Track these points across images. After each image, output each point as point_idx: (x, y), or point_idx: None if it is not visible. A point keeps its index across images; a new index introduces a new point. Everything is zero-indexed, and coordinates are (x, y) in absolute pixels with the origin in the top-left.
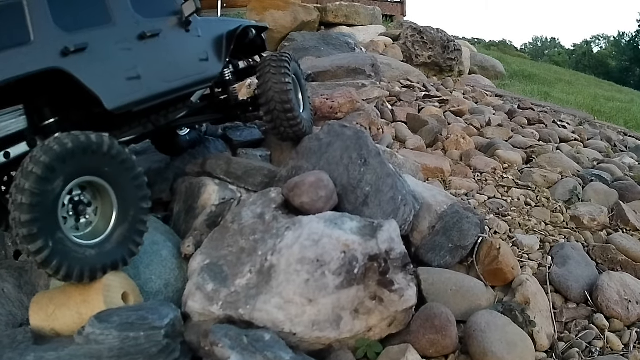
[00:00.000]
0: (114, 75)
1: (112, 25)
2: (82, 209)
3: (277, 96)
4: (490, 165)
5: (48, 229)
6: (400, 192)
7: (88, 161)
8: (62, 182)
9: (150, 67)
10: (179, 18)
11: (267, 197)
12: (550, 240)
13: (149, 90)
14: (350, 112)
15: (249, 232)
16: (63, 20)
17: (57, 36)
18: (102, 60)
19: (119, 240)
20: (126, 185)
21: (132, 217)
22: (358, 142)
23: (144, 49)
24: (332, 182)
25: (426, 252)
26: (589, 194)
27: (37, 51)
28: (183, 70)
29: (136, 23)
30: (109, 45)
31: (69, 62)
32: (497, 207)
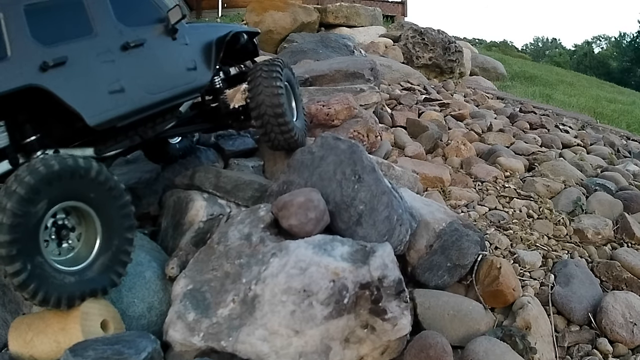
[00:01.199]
0: (95, 90)
1: (93, 36)
2: (65, 233)
3: (267, 100)
4: (491, 173)
5: (28, 251)
6: (396, 211)
7: (74, 185)
8: (46, 205)
9: (135, 79)
10: (164, 26)
11: (255, 216)
12: (553, 256)
13: (134, 103)
14: (347, 119)
15: (235, 255)
16: (41, 33)
17: (35, 50)
18: (82, 74)
19: (101, 269)
20: (112, 213)
21: (115, 246)
22: (352, 157)
23: (128, 60)
24: (323, 202)
25: (423, 272)
26: (592, 204)
27: (15, 67)
28: (170, 81)
29: (119, 33)
30: (90, 58)
31: (47, 77)
32: (498, 219)
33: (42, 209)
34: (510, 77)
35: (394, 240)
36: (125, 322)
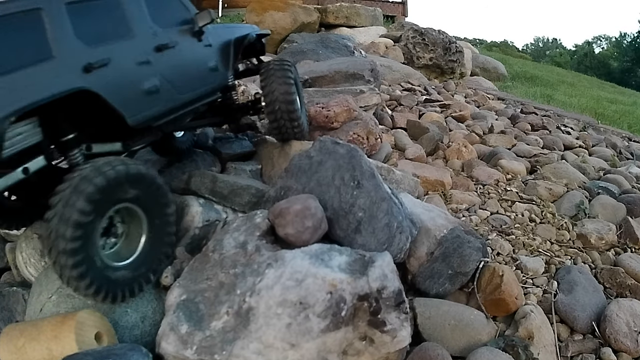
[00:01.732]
0: (134, 90)
1: (131, 37)
2: (114, 231)
3: (281, 97)
4: (493, 176)
5: (86, 247)
6: (395, 218)
7: (134, 189)
8: (109, 205)
9: (167, 80)
10: (191, 27)
11: (251, 223)
12: (556, 262)
13: (167, 103)
14: (346, 121)
15: (230, 265)
16: (84, 33)
17: (79, 51)
18: (123, 75)
19: (141, 267)
20: (157, 213)
21: (157, 244)
22: (351, 162)
23: (162, 61)
24: (320, 209)
25: (424, 279)
26: (595, 208)
27: (60, 68)
28: (196, 81)
29: (154, 34)
30: (129, 59)
31: (92, 79)
32: (500, 223)
33: (105, 209)
34: (511, 78)
35: (394, 249)
36: (118, 333)
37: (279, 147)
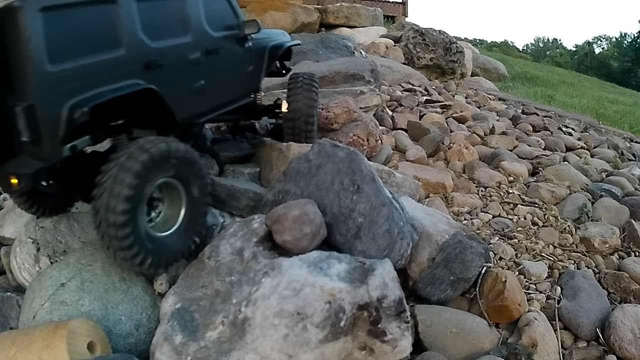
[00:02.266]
0: (184, 89)
1: (188, 38)
2: (156, 204)
3: (304, 108)
4: (494, 178)
5: (134, 219)
6: (396, 223)
7: (173, 164)
8: (153, 180)
9: (211, 82)
10: (237, 33)
11: (248, 228)
12: (559, 266)
13: (209, 103)
14: (346, 122)
15: (226, 272)
16: (149, 29)
17: (143, 47)
18: (177, 74)
19: (184, 236)
20: (194, 187)
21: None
22: (351, 166)
23: (209, 63)
24: (319, 215)
25: (425, 286)
26: (599, 211)
27: (127, 61)
28: (235, 84)
29: (206, 37)
30: (184, 58)
31: (153, 76)
32: (502, 227)
33: (149, 184)
34: (512, 78)
35: (395, 255)
36: (112, 341)
37: (277, 149)
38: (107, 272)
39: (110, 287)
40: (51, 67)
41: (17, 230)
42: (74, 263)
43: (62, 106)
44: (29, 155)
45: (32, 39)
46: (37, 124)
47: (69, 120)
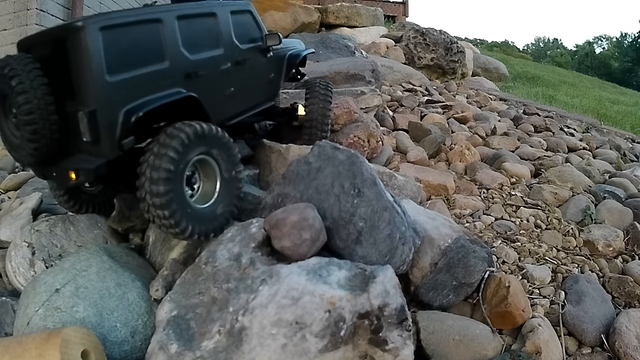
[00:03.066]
0: (218, 95)
1: (220, 50)
2: (194, 180)
3: (320, 119)
4: (497, 180)
5: (175, 190)
6: (398, 228)
7: (207, 143)
8: (189, 156)
9: (240, 88)
10: (260, 45)
11: (246, 233)
12: (563, 270)
13: (237, 108)
14: (347, 123)
15: (223, 279)
16: (188, 44)
17: (183, 60)
18: (212, 83)
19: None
20: (226, 162)
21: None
22: (351, 169)
23: (238, 72)
24: (319, 219)
25: (427, 291)
26: (602, 213)
27: (171, 73)
28: (259, 90)
29: (234, 49)
30: (217, 69)
31: (192, 85)
32: (505, 230)
33: (186, 159)
34: (513, 78)
35: (396, 261)
36: (107, 349)
37: (277, 151)
38: (102, 277)
39: (105, 293)
40: (109, 78)
41: (13, 233)
42: (69, 268)
43: (119, 112)
44: (88, 153)
45: (94, 54)
46: (97, 127)
47: (125, 123)
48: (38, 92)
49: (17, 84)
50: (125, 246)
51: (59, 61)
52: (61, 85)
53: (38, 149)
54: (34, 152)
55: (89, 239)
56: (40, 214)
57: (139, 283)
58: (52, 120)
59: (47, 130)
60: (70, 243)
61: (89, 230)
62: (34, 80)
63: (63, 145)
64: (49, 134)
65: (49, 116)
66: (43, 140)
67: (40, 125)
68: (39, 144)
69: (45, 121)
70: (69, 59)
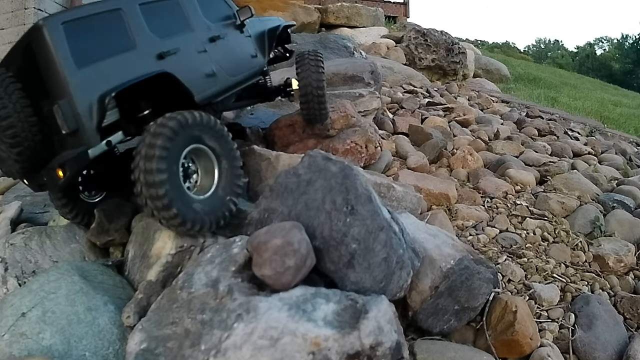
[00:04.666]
0: (197, 73)
1: (191, 31)
2: (190, 172)
3: (314, 82)
4: (501, 188)
5: (170, 180)
6: (395, 251)
7: (199, 132)
8: (183, 144)
9: (220, 65)
10: (234, 22)
11: (227, 254)
12: (572, 289)
13: (221, 84)
14: (344, 128)
15: (198, 308)
16: (156, 28)
17: (154, 42)
18: (188, 62)
19: (220, 198)
20: (224, 153)
21: (229, 179)
22: (344, 183)
23: (215, 50)
24: (306, 242)
25: (426, 317)
26: (611, 224)
27: (142, 56)
28: (241, 66)
29: (207, 28)
30: (192, 48)
31: (167, 65)
32: (511, 243)
33: (180, 147)
34: (514, 79)
35: (393, 287)
36: None
37: (266, 159)
38: (71, 301)
39: (74, 318)
40: (78, 69)
41: None
42: (37, 290)
43: (92, 98)
44: (72, 148)
45: (57, 47)
46: (73, 116)
47: (100, 107)
48: (12, 97)
49: None
50: (102, 262)
51: (30, 66)
52: (36, 89)
53: (21, 153)
54: (18, 158)
55: (65, 254)
56: (21, 224)
57: (112, 307)
58: (31, 122)
59: (27, 132)
60: (45, 258)
61: (66, 244)
62: (7, 87)
63: (49, 150)
64: (30, 136)
65: (27, 118)
66: (25, 143)
67: (19, 128)
68: (21, 148)
69: (23, 123)
70: (37, 59)
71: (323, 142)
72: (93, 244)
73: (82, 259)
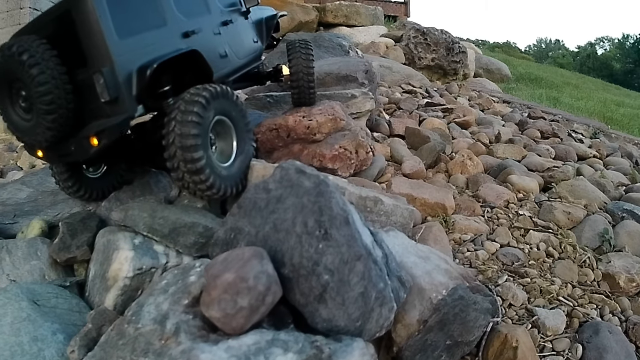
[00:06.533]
0: (214, 53)
1: (209, 14)
2: (213, 142)
3: (304, 69)
4: (502, 196)
5: (205, 146)
6: (374, 285)
7: (224, 104)
8: (212, 114)
9: (231, 47)
10: (240, 8)
11: (183, 282)
12: (580, 314)
13: (232, 65)
14: (332, 132)
15: (142, 349)
16: (181, 8)
17: (180, 21)
18: (208, 42)
19: (238, 166)
20: (241, 125)
21: (245, 148)
22: (317, 202)
23: (226, 33)
24: (266, 276)
25: (413, 354)
26: (621, 237)
27: (171, 33)
28: (247, 50)
29: (221, 13)
30: (209, 30)
31: (191, 43)
32: (512, 260)
33: (210, 118)
34: (515, 79)
35: (371, 327)
36: None
37: None
38: (16, 330)
39: (17, 350)
40: (119, 39)
41: None
42: None
43: (132, 68)
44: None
45: (102, 15)
46: (115, 84)
47: (140, 78)
48: (50, 63)
49: (28, 57)
50: (59, 283)
51: (64, 34)
52: (70, 57)
53: (55, 120)
54: (51, 125)
55: (23, 272)
56: None
57: (61, 336)
58: (67, 89)
59: (63, 100)
60: (2, 277)
61: (26, 261)
62: (44, 53)
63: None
64: (65, 104)
65: (64, 85)
66: (60, 111)
67: (55, 94)
68: (56, 115)
69: (60, 90)
70: (76, 27)
71: (309, 148)
72: (55, 261)
73: (42, 278)
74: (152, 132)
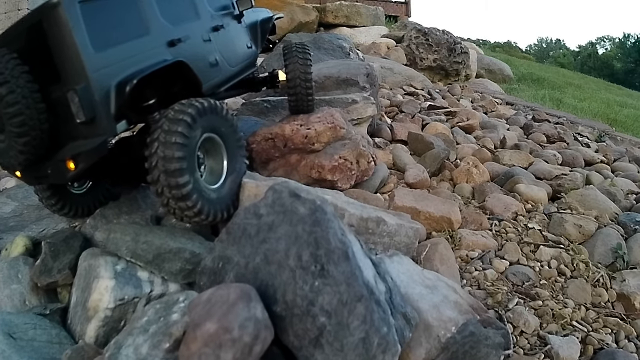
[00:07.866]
0: (203, 62)
1: (198, 19)
2: (202, 161)
3: (301, 75)
4: (510, 207)
5: (191, 168)
6: (377, 330)
7: (213, 120)
8: (199, 132)
9: (222, 54)
10: (233, 11)
11: (165, 321)
12: (594, 340)
13: (224, 73)
14: (331, 141)
15: None
16: (167, 15)
17: (165, 29)
18: (196, 50)
19: (229, 188)
20: (232, 143)
21: (236, 168)
22: (313, 232)
23: (217, 39)
24: (254, 321)
25: None
26: (635, 252)
27: (154, 42)
28: (240, 56)
29: (211, 17)
30: (198, 37)
31: (177, 52)
32: (522, 279)
33: (197, 135)
34: (517, 80)
35: None
36: None
37: None
38: None
39: None
40: (95, 52)
41: None
42: None
43: (110, 84)
44: (84, 137)
45: (75, 27)
46: (90, 103)
47: (119, 96)
48: (20, 81)
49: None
50: (39, 311)
51: (37, 48)
52: (43, 72)
53: (28, 143)
54: (24, 149)
55: (3, 297)
56: None
57: None
58: (39, 108)
59: (35, 121)
60: None
61: (6, 285)
62: (14, 69)
63: (53, 139)
64: (37, 125)
65: (36, 105)
66: (33, 133)
67: (27, 115)
68: (28, 137)
69: (32, 110)
70: (48, 40)
71: (307, 158)
72: (36, 285)
73: (22, 304)
74: (139, 147)
